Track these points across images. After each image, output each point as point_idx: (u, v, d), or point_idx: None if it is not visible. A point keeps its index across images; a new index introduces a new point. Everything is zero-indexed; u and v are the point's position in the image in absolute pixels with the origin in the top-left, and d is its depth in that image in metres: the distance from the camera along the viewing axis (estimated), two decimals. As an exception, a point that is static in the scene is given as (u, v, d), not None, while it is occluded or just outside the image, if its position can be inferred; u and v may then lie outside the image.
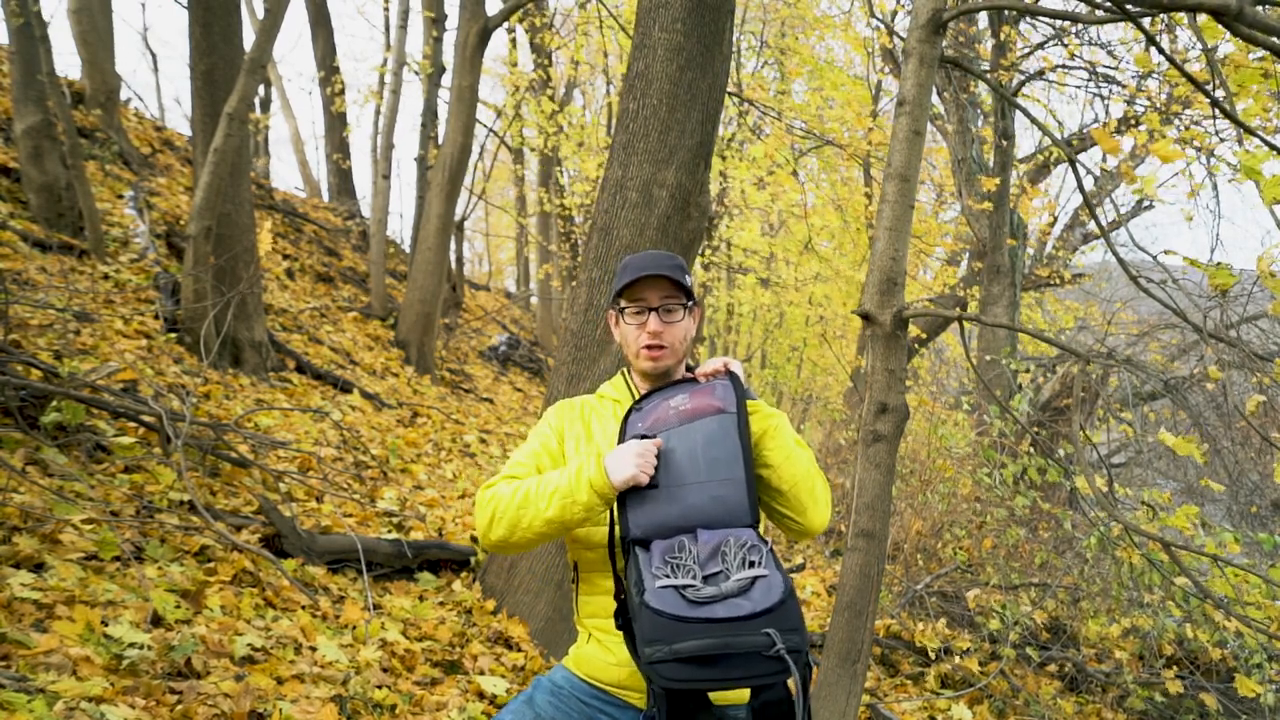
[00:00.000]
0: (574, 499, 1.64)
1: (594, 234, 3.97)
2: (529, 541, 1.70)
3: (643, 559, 1.56)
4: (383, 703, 3.01)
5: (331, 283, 11.04)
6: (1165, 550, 3.72)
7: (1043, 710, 4.79)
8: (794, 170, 12.30)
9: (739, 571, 1.48)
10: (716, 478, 1.61)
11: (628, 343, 1.85)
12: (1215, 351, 5.56)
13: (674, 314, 1.81)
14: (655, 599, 1.47)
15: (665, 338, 1.80)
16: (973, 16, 9.84)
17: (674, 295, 1.81)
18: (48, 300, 5.22)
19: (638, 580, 1.53)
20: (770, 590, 1.46)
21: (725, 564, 1.50)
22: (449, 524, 5.07)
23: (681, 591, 1.47)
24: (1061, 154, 9.96)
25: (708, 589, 1.46)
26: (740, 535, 1.54)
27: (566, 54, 14.73)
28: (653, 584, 1.49)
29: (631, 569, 1.58)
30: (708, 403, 1.70)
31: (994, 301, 9.29)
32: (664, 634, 1.43)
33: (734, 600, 1.45)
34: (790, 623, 1.44)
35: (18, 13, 6.05)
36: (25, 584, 2.72)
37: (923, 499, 7.07)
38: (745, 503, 1.60)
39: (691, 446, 1.65)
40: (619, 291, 1.83)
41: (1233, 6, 2.47)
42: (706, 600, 1.45)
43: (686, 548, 1.53)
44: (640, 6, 3.96)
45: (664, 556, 1.53)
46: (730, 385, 1.73)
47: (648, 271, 1.78)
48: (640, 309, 1.81)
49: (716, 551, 1.52)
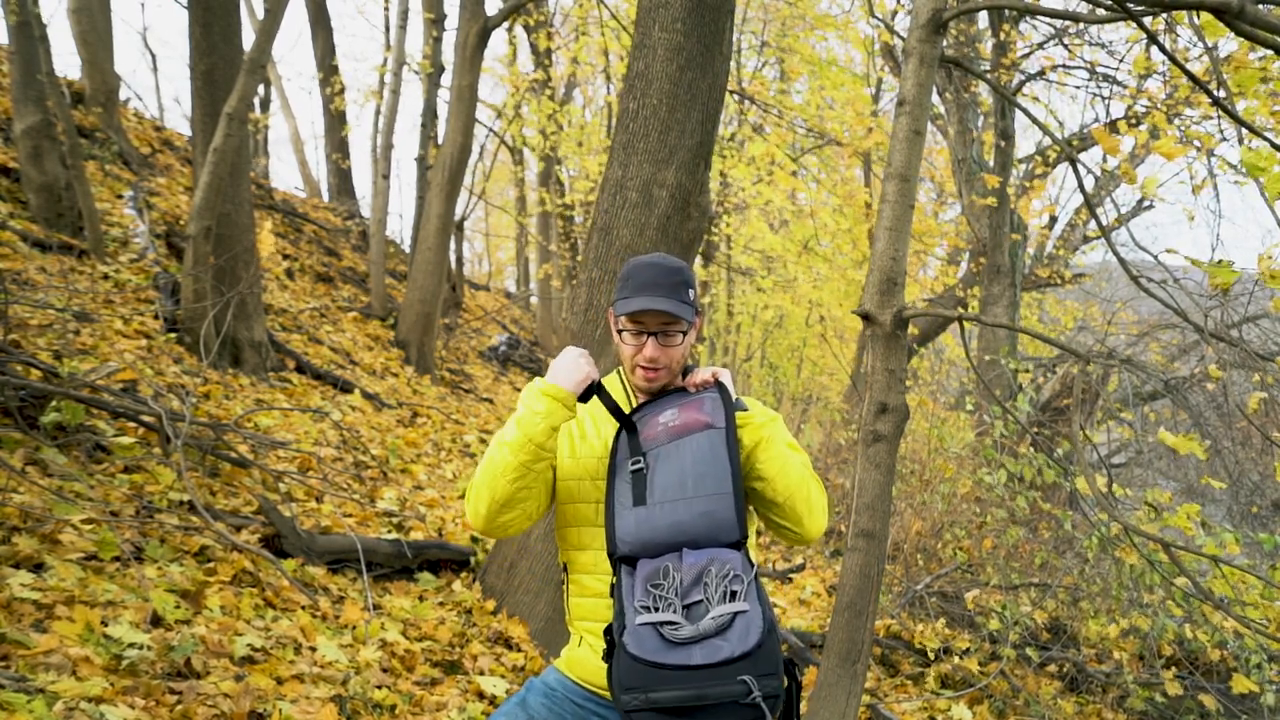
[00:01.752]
0: (530, 410, 1.68)
1: (594, 234, 3.97)
2: (510, 495, 1.68)
3: (626, 585, 1.56)
4: (383, 703, 3.00)
5: (331, 283, 11.04)
6: (1165, 551, 3.71)
7: (1043, 710, 4.79)
8: (794, 171, 12.30)
9: (719, 605, 1.47)
10: (704, 493, 1.60)
11: (623, 355, 1.82)
12: (1216, 351, 5.56)
13: (673, 339, 1.77)
14: (633, 641, 1.46)
15: (661, 360, 1.77)
16: (973, 16, 9.84)
17: (674, 322, 1.76)
18: (47, 300, 5.22)
19: (619, 611, 1.54)
20: (749, 630, 1.45)
21: (706, 594, 1.49)
22: (449, 524, 5.07)
23: (660, 630, 1.46)
24: (1062, 154, 9.96)
25: (686, 629, 1.46)
26: (725, 561, 1.53)
27: (567, 54, 14.73)
28: (633, 620, 1.49)
29: (616, 593, 1.58)
30: (696, 418, 1.69)
31: (994, 301, 9.29)
32: (640, 681, 1.43)
33: (712, 642, 1.45)
34: (768, 666, 1.44)
35: (16, 11, 6.05)
36: (25, 584, 2.72)
37: (923, 499, 7.06)
38: (733, 518, 1.60)
39: (680, 464, 1.64)
40: (621, 313, 1.79)
41: (1234, 5, 2.47)
42: (685, 641, 1.44)
43: (670, 574, 1.52)
44: (640, 6, 3.96)
45: (647, 585, 1.53)
46: (719, 399, 1.72)
47: (646, 304, 1.72)
48: (638, 331, 1.77)
49: (699, 579, 1.51)
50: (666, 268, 1.78)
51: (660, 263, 1.80)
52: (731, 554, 1.56)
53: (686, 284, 1.78)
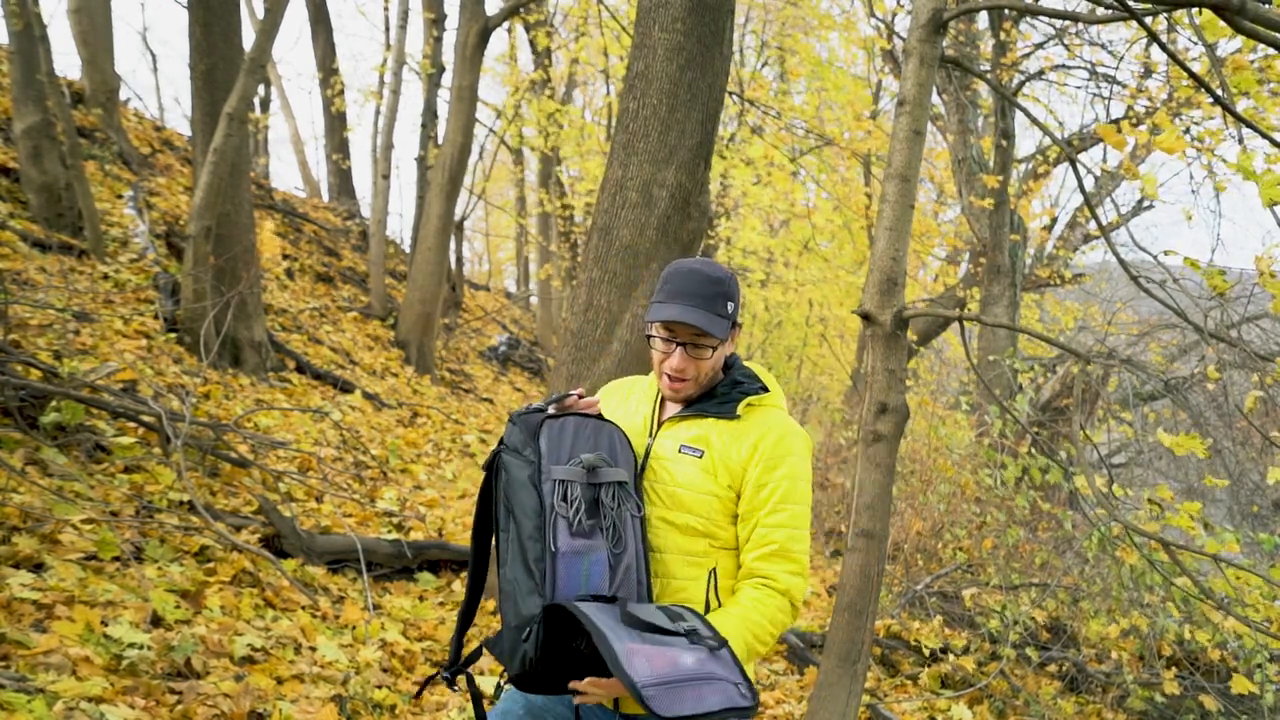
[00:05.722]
0: None
1: (594, 234, 3.97)
2: None
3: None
4: (383, 703, 3.00)
5: (331, 283, 11.04)
6: (1165, 550, 3.71)
7: (1043, 710, 4.79)
8: (794, 171, 12.30)
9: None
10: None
11: (654, 361, 1.78)
12: (1216, 351, 5.56)
13: (703, 351, 1.71)
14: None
15: (689, 372, 1.73)
16: (973, 16, 9.84)
17: (705, 336, 1.70)
18: (47, 300, 5.22)
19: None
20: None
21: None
22: (449, 524, 5.07)
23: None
24: (1061, 154, 9.97)
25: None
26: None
27: (567, 54, 14.73)
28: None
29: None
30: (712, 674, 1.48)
31: (994, 301, 9.29)
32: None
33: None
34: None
35: (17, 13, 6.04)
36: (25, 584, 2.72)
37: (923, 499, 7.07)
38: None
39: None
40: (652, 319, 1.74)
41: (1235, 2, 2.46)
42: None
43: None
44: (640, 6, 3.96)
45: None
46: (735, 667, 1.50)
47: (677, 315, 1.67)
48: (668, 339, 1.72)
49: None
50: (707, 278, 1.72)
51: (702, 270, 1.73)
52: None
53: (726, 296, 1.72)
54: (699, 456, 1.71)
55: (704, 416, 1.75)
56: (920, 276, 13.08)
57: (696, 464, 1.71)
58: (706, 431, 1.74)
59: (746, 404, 1.75)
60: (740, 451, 1.70)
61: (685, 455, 1.72)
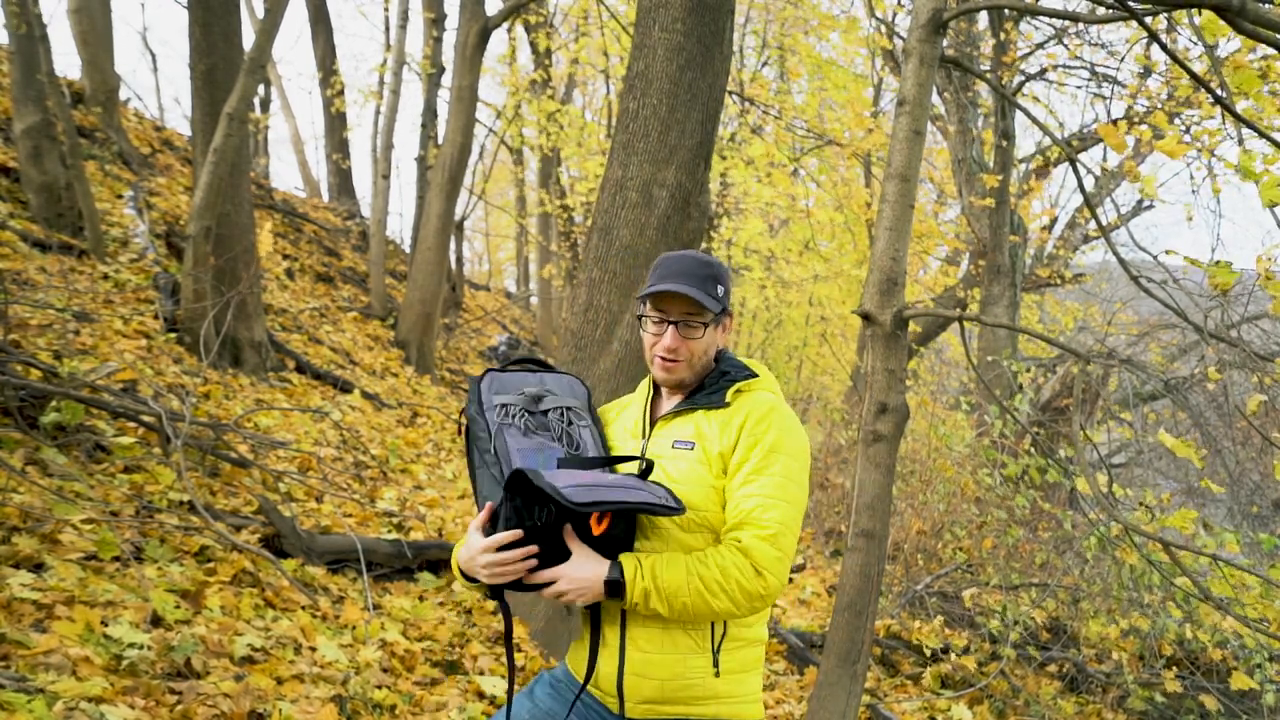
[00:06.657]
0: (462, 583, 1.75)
1: (594, 234, 3.97)
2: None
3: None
4: (383, 703, 3.00)
5: (331, 283, 11.04)
6: (1165, 550, 3.71)
7: (1043, 710, 4.79)
8: (794, 170, 12.29)
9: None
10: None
11: (646, 346, 1.81)
12: (1216, 351, 5.56)
13: (694, 330, 1.74)
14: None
15: (681, 352, 1.75)
16: (973, 16, 9.84)
17: (697, 313, 1.73)
18: (47, 300, 5.22)
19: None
20: None
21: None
22: (449, 524, 5.07)
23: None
24: (1061, 154, 9.96)
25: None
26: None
27: (567, 54, 14.73)
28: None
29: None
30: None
31: (994, 301, 9.29)
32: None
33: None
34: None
35: (17, 14, 6.05)
36: (25, 584, 2.72)
37: (923, 499, 7.06)
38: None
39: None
40: (644, 295, 1.78)
41: (1235, 2, 2.46)
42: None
43: None
44: (640, 6, 3.96)
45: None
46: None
47: (668, 286, 1.71)
48: (660, 319, 1.75)
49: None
50: (698, 260, 1.78)
51: (693, 255, 1.80)
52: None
53: (716, 279, 1.76)
54: (690, 449, 1.72)
55: (694, 410, 1.77)
56: (920, 277, 13.08)
57: (689, 457, 1.72)
58: (697, 424, 1.75)
59: (735, 390, 1.76)
60: (729, 436, 1.71)
61: (679, 450, 1.74)
